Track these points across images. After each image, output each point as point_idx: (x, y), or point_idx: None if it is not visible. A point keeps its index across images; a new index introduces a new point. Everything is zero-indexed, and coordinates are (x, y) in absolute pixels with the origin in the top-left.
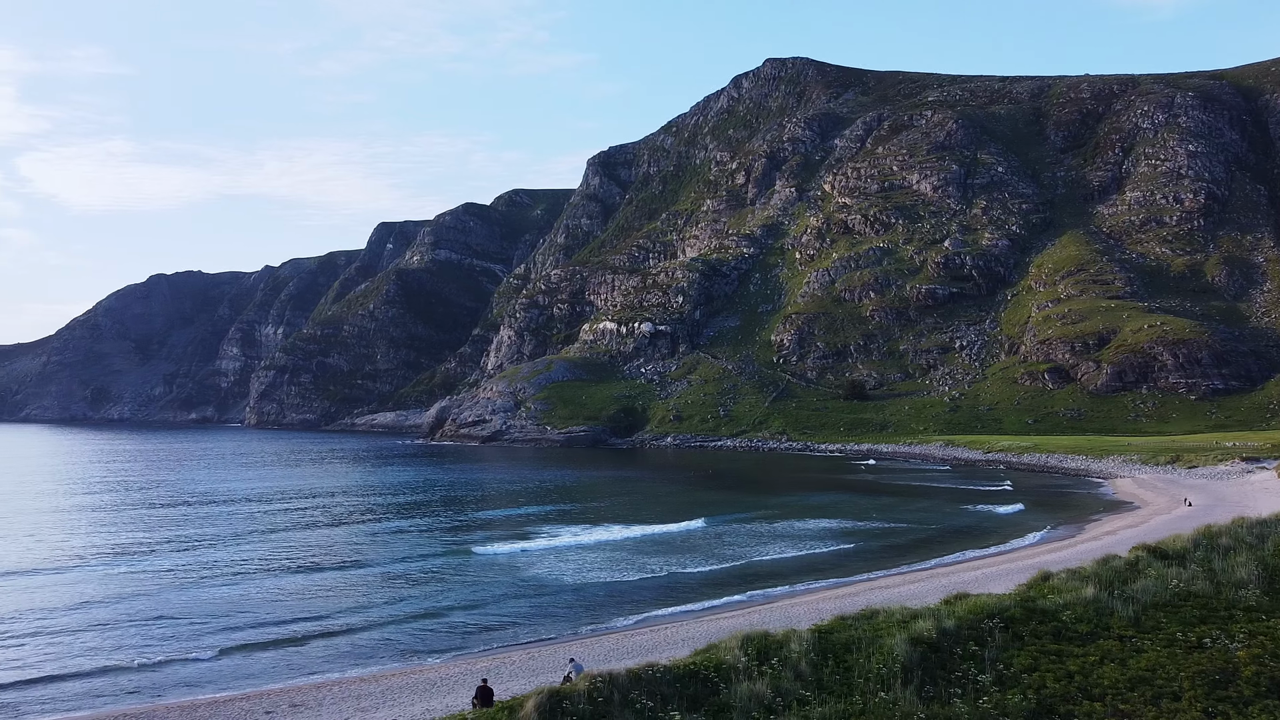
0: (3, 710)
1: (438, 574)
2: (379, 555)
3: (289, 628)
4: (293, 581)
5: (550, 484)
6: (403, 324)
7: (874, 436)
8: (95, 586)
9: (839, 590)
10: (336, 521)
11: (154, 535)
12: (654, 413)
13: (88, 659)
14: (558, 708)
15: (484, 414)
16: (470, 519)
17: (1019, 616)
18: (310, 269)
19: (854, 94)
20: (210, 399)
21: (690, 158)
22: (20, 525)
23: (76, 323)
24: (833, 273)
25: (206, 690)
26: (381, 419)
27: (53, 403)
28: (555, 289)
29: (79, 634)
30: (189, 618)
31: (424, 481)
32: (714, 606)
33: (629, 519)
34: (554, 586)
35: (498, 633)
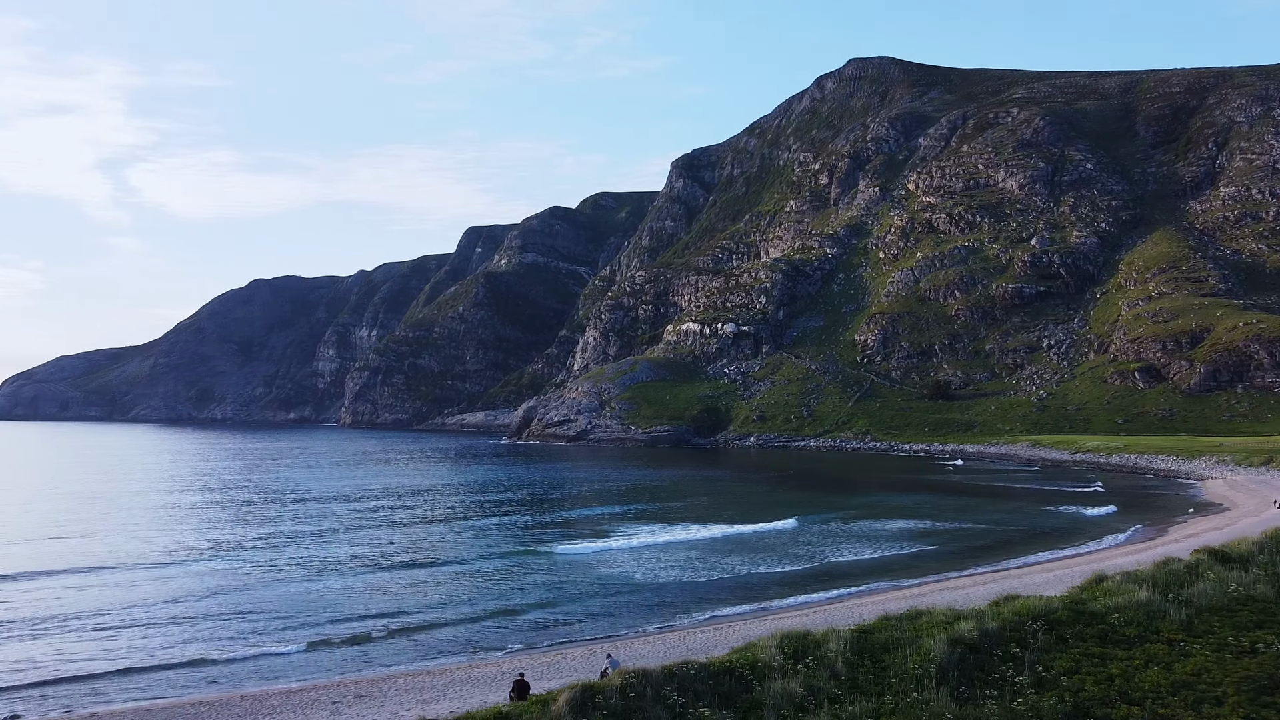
0: (94, 695)
1: (513, 572)
2: (459, 553)
3: (366, 623)
4: (375, 579)
5: (632, 483)
6: (491, 326)
7: (959, 437)
8: (190, 581)
9: (907, 591)
10: (421, 520)
11: (248, 532)
12: (737, 413)
13: (176, 650)
14: (590, 702)
15: (569, 414)
16: (551, 518)
17: (1065, 619)
18: (402, 272)
19: (938, 92)
20: (308, 399)
21: (773, 159)
22: (124, 522)
23: (182, 326)
24: (917, 272)
25: (281, 681)
26: (471, 419)
27: (160, 403)
28: (640, 290)
29: (170, 626)
30: (275, 613)
31: (508, 480)
32: (782, 606)
33: (707, 518)
34: (625, 585)
35: (565, 628)
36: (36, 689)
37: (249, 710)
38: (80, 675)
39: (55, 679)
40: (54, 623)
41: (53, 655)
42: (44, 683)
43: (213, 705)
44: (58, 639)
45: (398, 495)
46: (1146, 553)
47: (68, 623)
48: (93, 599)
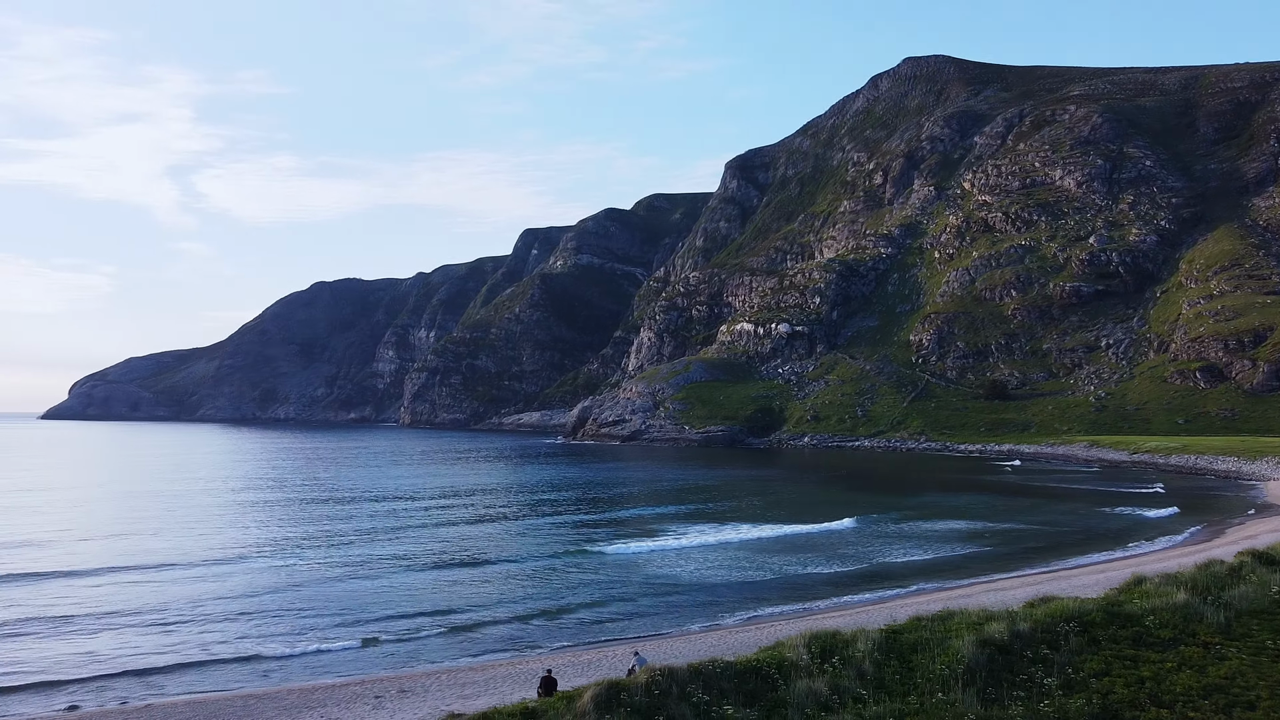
0: (149, 688)
1: (563, 571)
2: (510, 552)
3: (416, 620)
4: (427, 577)
5: (684, 483)
6: (547, 327)
7: (1015, 437)
8: (248, 579)
9: (952, 592)
10: (475, 519)
11: (306, 530)
12: (791, 413)
13: (231, 646)
14: (615, 699)
15: (624, 414)
16: (602, 517)
17: (1098, 621)
18: (460, 274)
19: (994, 90)
20: (368, 399)
21: (827, 159)
22: (187, 520)
23: (246, 328)
24: (973, 271)
25: (328, 676)
26: (527, 418)
27: (225, 403)
28: (694, 291)
29: (226, 623)
30: (329, 610)
31: (561, 480)
32: (826, 607)
33: (759, 519)
34: (673, 585)
35: (610, 625)
36: (95, 681)
37: (295, 703)
38: (138, 669)
39: (113, 673)
40: (116, 618)
41: (112, 649)
42: (103, 676)
43: (261, 698)
44: (119, 634)
45: (453, 495)
46: (1200, 555)
47: (129, 618)
48: (154, 595)
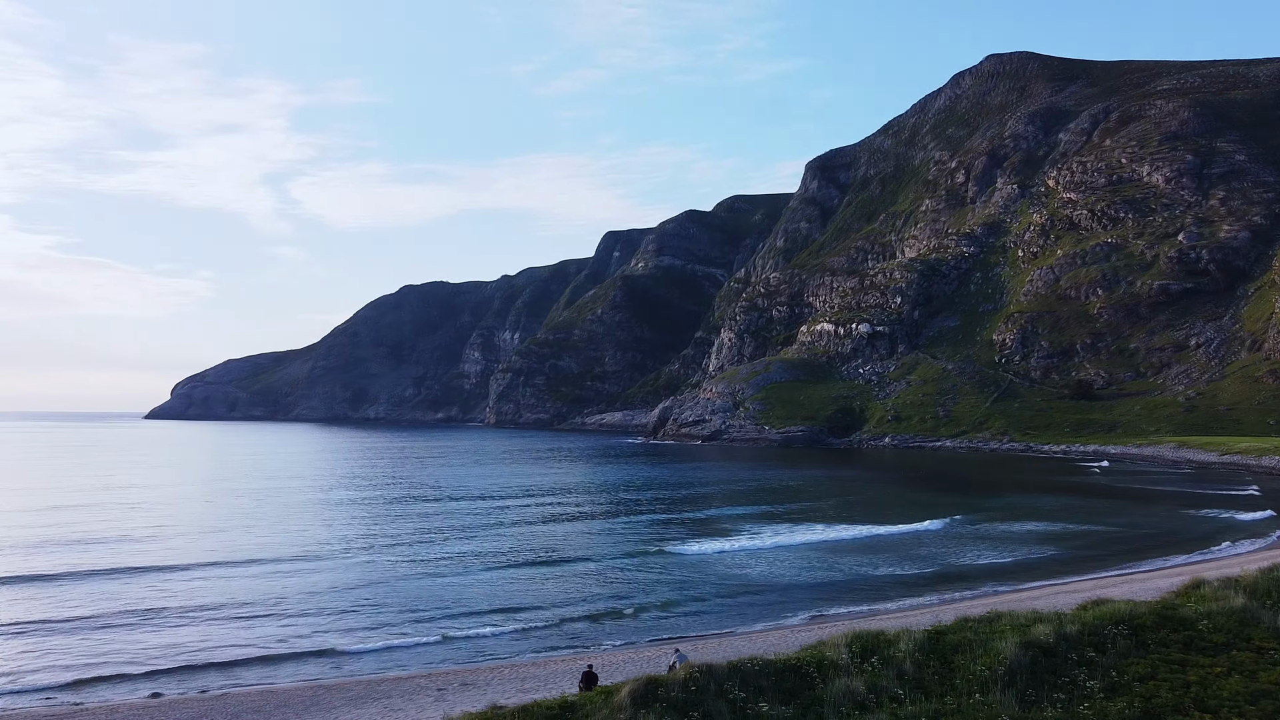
0: (229, 678)
1: (633, 570)
2: (583, 551)
3: (487, 617)
4: (502, 575)
5: (762, 483)
6: (629, 328)
7: (1100, 438)
8: (332, 575)
9: (1020, 594)
10: (551, 519)
11: (389, 529)
12: (871, 413)
13: (310, 639)
14: (652, 694)
15: (704, 414)
16: (677, 517)
17: (1149, 624)
18: (543, 277)
19: (1079, 86)
20: (454, 400)
21: (909, 158)
22: (278, 517)
23: (338, 331)
24: (1057, 270)
25: (397, 669)
26: (609, 418)
27: (318, 403)
28: (774, 292)
29: (307, 617)
30: (405, 606)
31: (638, 480)
32: (890, 608)
33: (834, 519)
34: (741, 585)
35: (672, 624)
36: (179, 672)
37: (361, 694)
38: (220, 661)
39: (197, 664)
40: (203, 611)
41: (197, 641)
42: (186, 667)
43: (329, 689)
44: (204, 626)
45: (531, 494)
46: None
47: (215, 611)
48: (240, 589)
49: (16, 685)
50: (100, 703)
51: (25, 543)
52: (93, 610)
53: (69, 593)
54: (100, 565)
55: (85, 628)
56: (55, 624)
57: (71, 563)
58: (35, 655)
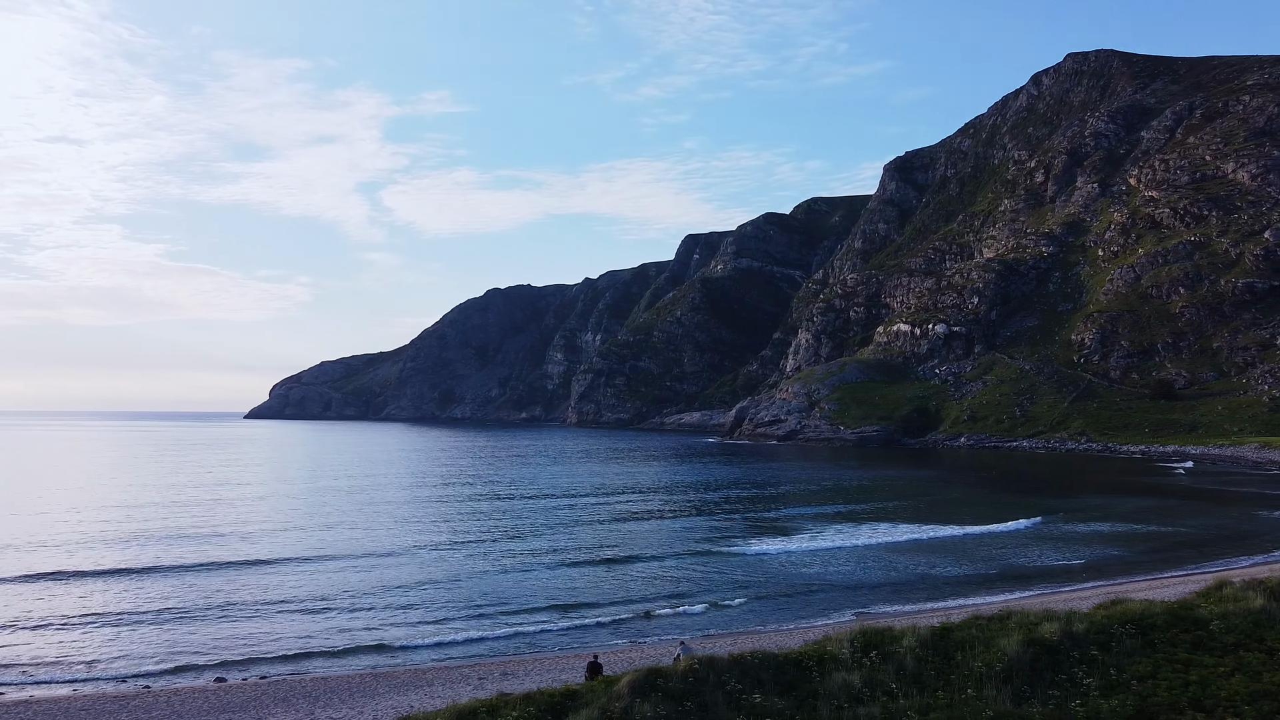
0: (289, 667)
1: (691, 569)
2: (646, 549)
3: (541, 613)
4: (562, 573)
5: (831, 483)
6: (707, 329)
7: (1181, 438)
8: (401, 570)
9: (1070, 594)
10: (619, 518)
11: (461, 526)
12: (947, 413)
13: (371, 632)
14: (652, 685)
15: (779, 414)
16: (742, 517)
17: (1160, 624)
18: (624, 280)
19: (1162, 83)
20: (538, 400)
21: (988, 158)
22: (357, 514)
23: (427, 333)
24: (1138, 269)
25: (447, 660)
26: (688, 418)
27: (408, 404)
28: (851, 293)
29: (375, 611)
30: (469, 602)
31: (709, 480)
32: (937, 608)
33: (899, 519)
34: (792, 584)
35: (718, 619)
36: (246, 663)
37: (406, 682)
38: (285, 653)
39: (263, 656)
40: (274, 605)
41: (266, 632)
42: (252, 659)
43: (378, 676)
44: (277, 619)
45: (603, 493)
46: None
47: (285, 605)
48: (315, 584)
49: (94, 672)
50: (165, 686)
51: (121, 537)
52: (176, 603)
53: (155, 586)
54: (186, 560)
55: (167, 619)
56: (139, 615)
57: (160, 557)
58: (116, 643)
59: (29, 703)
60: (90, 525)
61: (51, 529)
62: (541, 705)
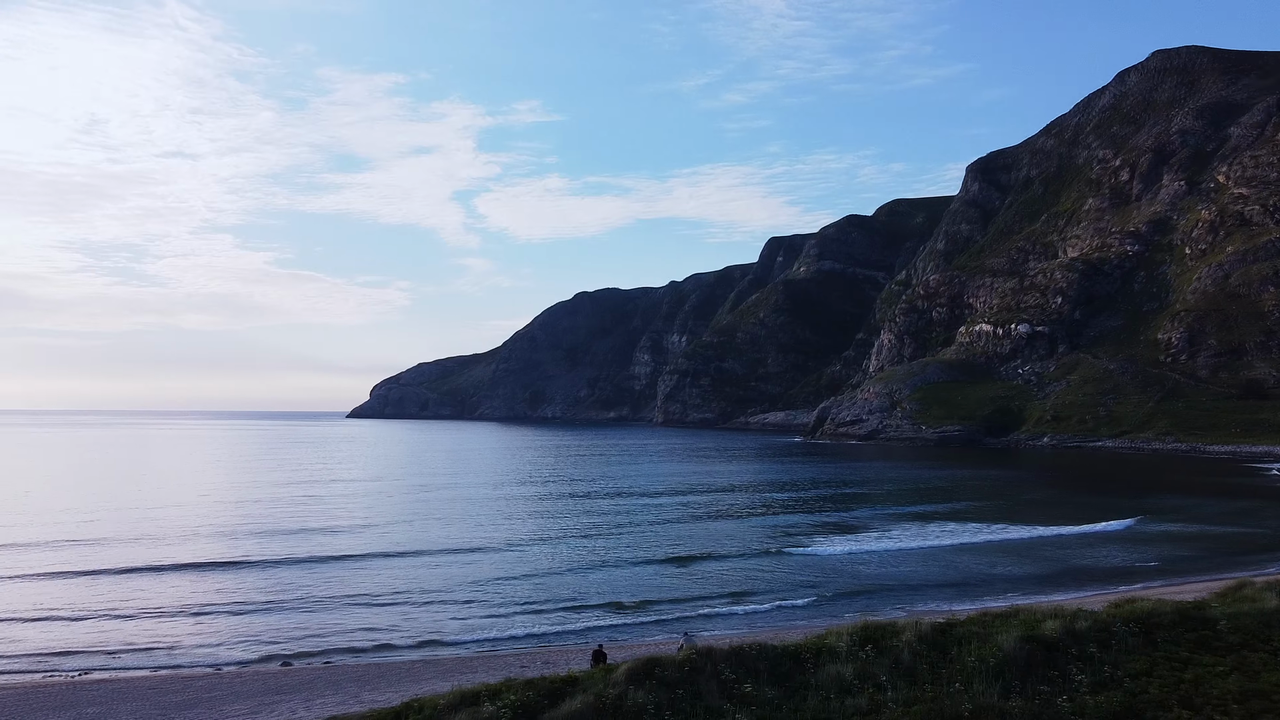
0: (352, 654)
1: (754, 569)
2: (714, 549)
3: (595, 610)
4: (627, 571)
5: (908, 483)
6: (791, 330)
7: (1271, 438)
8: (474, 567)
9: (1115, 594)
10: (693, 517)
11: (540, 525)
12: (1030, 413)
13: (434, 625)
14: (649, 673)
15: (861, 414)
16: (814, 517)
17: (1166, 623)
18: (709, 282)
19: (1252, 79)
20: (625, 400)
21: (1072, 157)
22: (443, 511)
23: (518, 335)
24: (1227, 267)
25: (500, 651)
26: (772, 418)
27: (500, 404)
28: (934, 293)
29: (441, 605)
30: (530, 597)
31: (786, 479)
32: (970, 609)
33: (971, 519)
34: (850, 584)
35: (768, 616)
36: (313, 654)
37: (451, 669)
38: (349, 646)
39: (330, 647)
40: (348, 599)
41: (337, 624)
42: (325, 650)
43: (426, 664)
44: (353, 611)
45: (681, 491)
46: None
47: (359, 599)
48: (394, 580)
49: (174, 658)
50: (234, 669)
51: (219, 532)
52: (260, 595)
53: (244, 579)
54: (276, 555)
55: (249, 610)
56: (224, 605)
57: (250, 552)
58: (198, 632)
59: (109, 682)
60: (192, 520)
61: (156, 524)
62: (542, 690)
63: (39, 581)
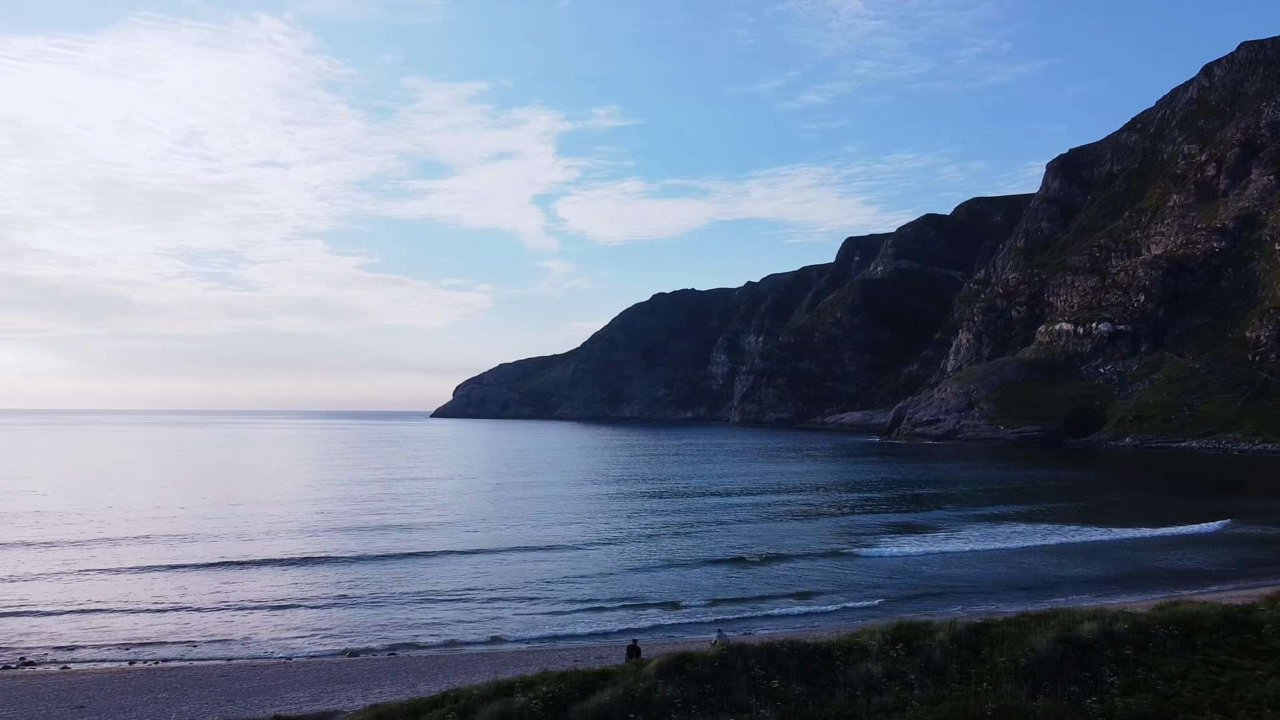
0: (412, 646)
1: (817, 570)
2: (780, 549)
3: (654, 609)
4: (691, 571)
5: (982, 484)
6: (867, 330)
7: None
8: (541, 566)
9: (1178, 598)
10: (762, 517)
11: (608, 524)
12: (1111, 413)
13: (502, 622)
14: (679, 668)
15: (937, 414)
16: (883, 518)
17: (1208, 626)
18: (785, 283)
19: None
20: (702, 400)
21: (1156, 153)
22: (517, 510)
23: (597, 336)
24: None
25: (558, 645)
26: (848, 418)
27: (579, 404)
28: (1013, 292)
29: (505, 601)
30: (591, 595)
31: (858, 480)
32: (1038, 608)
33: (1044, 520)
34: (909, 586)
35: (825, 618)
36: (373, 649)
37: (509, 661)
38: (416, 639)
39: (399, 641)
40: (429, 594)
41: (401, 618)
42: (387, 645)
43: (485, 656)
44: (423, 607)
45: (753, 492)
46: None
47: (436, 595)
48: (465, 577)
49: (248, 648)
50: (303, 660)
51: (302, 528)
52: (336, 590)
53: (322, 574)
54: (354, 552)
55: (323, 603)
56: (301, 599)
57: (330, 548)
58: (274, 623)
59: (184, 669)
60: (277, 517)
61: (243, 521)
62: (574, 682)
63: (130, 575)
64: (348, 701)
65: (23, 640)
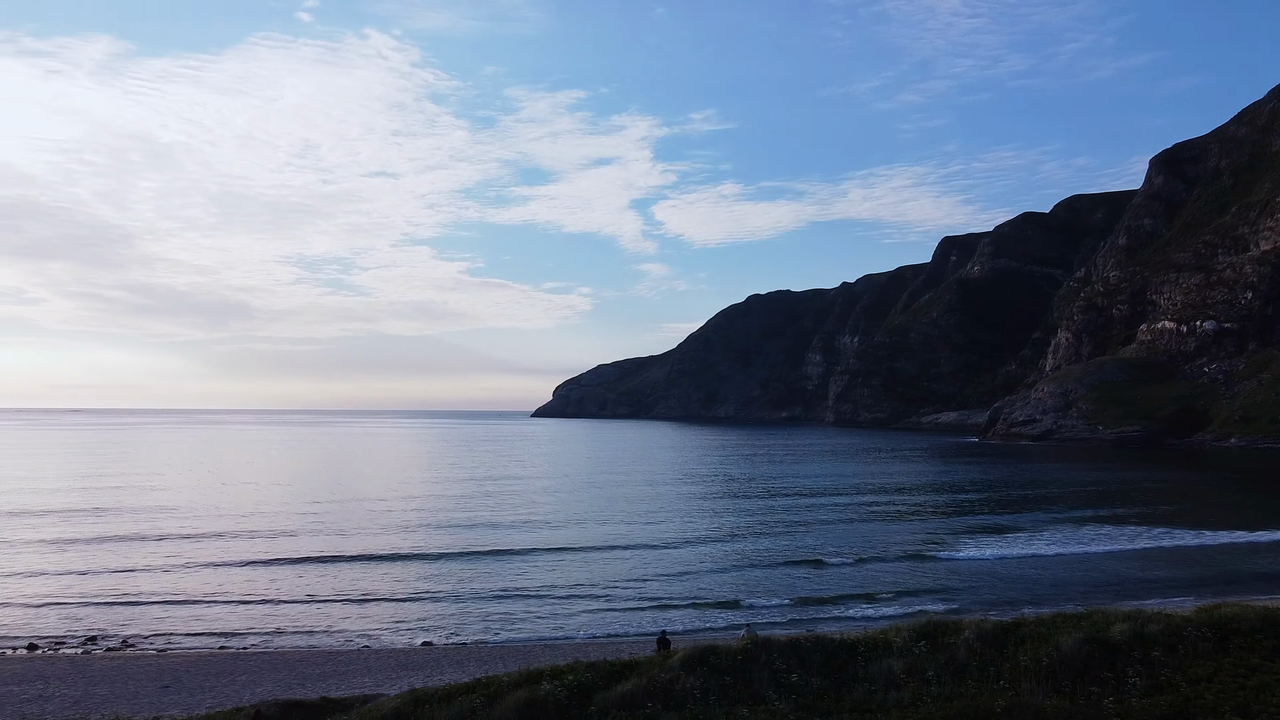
0: (515, 641)
1: (892, 573)
2: (859, 551)
3: (718, 610)
4: (763, 573)
5: (1076, 486)
6: (964, 330)
7: None
8: (613, 565)
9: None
10: (847, 519)
11: (687, 524)
12: (1216, 413)
13: (570, 618)
14: (703, 660)
15: (1034, 414)
16: (968, 520)
17: (1244, 629)
18: (881, 283)
19: None
20: (797, 400)
21: (1266, 145)
22: (601, 510)
23: (692, 338)
24: None
25: (618, 641)
26: (945, 418)
27: (675, 404)
28: (1114, 290)
29: (577, 599)
30: (656, 595)
31: (949, 481)
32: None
33: (1132, 523)
34: (985, 589)
35: (891, 622)
36: (451, 638)
37: (569, 652)
38: (485, 633)
39: (471, 634)
40: (508, 591)
41: (485, 612)
42: (459, 636)
43: (550, 647)
44: (501, 603)
45: (840, 493)
46: None
47: (514, 592)
48: (546, 575)
49: (330, 639)
50: (380, 647)
51: (398, 525)
52: (421, 584)
53: (410, 569)
54: (443, 548)
55: (405, 596)
56: (387, 592)
57: (419, 544)
58: (355, 617)
59: (265, 655)
60: (374, 514)
61: (341, 517)
62: (601, 672)
63: (231, 569)
64: (407, 685)
65: (126, 626)
